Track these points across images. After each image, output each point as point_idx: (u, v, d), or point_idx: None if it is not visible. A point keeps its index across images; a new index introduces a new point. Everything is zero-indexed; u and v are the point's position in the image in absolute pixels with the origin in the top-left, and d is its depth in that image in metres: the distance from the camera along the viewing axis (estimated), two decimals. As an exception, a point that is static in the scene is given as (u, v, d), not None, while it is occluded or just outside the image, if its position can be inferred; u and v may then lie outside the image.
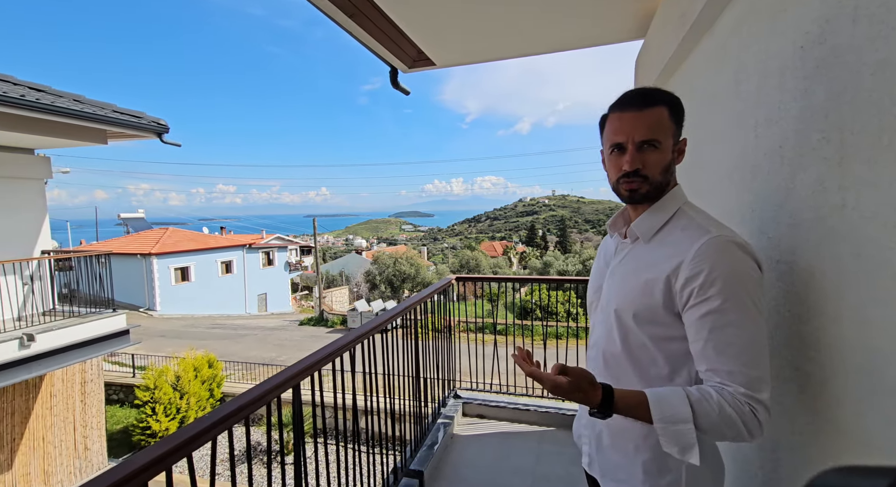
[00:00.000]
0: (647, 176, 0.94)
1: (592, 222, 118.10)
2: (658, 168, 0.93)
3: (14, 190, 6.31)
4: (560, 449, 2.84)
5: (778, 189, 0.98)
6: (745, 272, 0.83)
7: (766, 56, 1.05)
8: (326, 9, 2.20)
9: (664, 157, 0.93)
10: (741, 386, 0.79)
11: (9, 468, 6.30)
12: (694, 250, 0.85)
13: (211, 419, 1.09)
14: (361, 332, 1.91)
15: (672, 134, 0.94)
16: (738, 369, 0.80)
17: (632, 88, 1.01)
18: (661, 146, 0.92)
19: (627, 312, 0.94)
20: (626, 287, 0.97)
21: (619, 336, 0.96)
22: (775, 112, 0.99)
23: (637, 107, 0.93)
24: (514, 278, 3.79)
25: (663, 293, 0.88)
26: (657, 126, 0.92)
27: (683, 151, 0.99)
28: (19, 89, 4.91)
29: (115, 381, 13.12)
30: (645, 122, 0.92)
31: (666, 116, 0.93)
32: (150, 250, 23.49)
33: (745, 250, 0.85)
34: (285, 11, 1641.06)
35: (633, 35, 2.70)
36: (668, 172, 0.96)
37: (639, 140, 0.92)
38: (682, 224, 0.93)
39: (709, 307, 0.83)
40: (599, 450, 1.04)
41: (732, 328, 0.81)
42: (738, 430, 0.78)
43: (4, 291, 5.68)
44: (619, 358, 0.97)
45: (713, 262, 0.83)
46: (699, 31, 1.53)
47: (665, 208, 0.96)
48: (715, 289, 0.82)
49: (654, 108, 0.92)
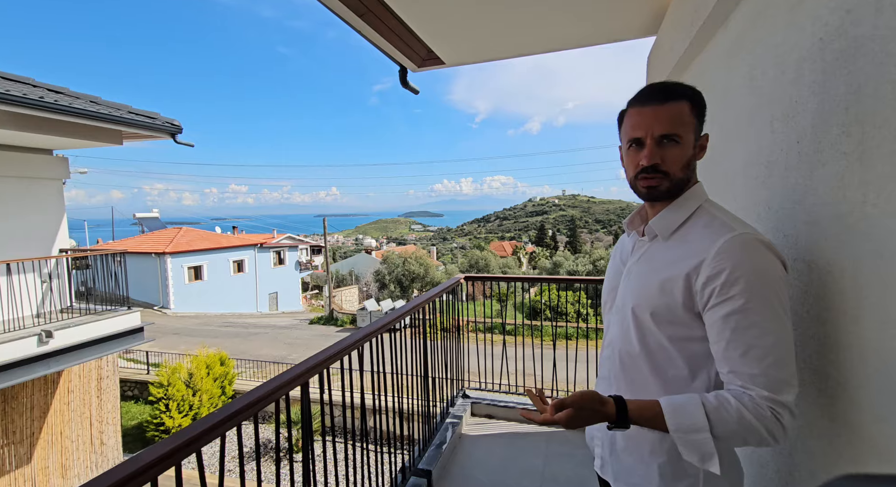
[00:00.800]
0: (668, 172, 0.91)
1: (603, 221, 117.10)
2: (679, 164, 0.91)
3: (34, 190, 6.46)
4: (569, 451, 2.82)
5: (795, 186, 0.95)
6: (770, 272, 0.80)
7: (782, 49, 1.02)
8: (337, 9, 2.20)
9: (685, 152, 0.90)
10: (764, 389, 0.77)
11: (28, 461, 6.45)
12: (716, 248, 0.82)
13: (220, 415, 1.10)
14: (370, 330, 1.91)
15: (693, 129, 0.91)
16: (761, 371, 0.77)
17: (644, 85, 0.98)
18: (682, 141, 0.90)
19: (645, 311, 0.92)
20: (644, 286, 0.94)
21: (637, 336, 0.94)
22: (792, 106, 0.97)
23: (657, 101, 0.91)
24: (524, 278, 3.77)
25: (683, 292, 0.86)
26: (678, 120, 0.89)
27: (705, 147, 0.96)
28: (39, 91, 5.03)
29: (129, 378, 13.38)
30: (665, 116, 0.89)
31: (687, 111, 0.90)
32: (165, 249, 23.91)
33: (771, 249, 0.82)
34: (296, 13, 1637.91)
35: (645, 32, 2.67)
36: (689, 169, 0.93)
37: (658, 134, 0.89)
38: (703, 222, 0.90)
39: (731, 306, 0.80)
40: (613, 453, 1.02)
41: (756, 328, 0.78)
42: (760, 436, 0.76)
43: (24, 288, 5.82)
44: (636, 359, 0.95)
45: (736, 260, 0.80)
46: (713, 25, 1.50)
47: (685, 205, 0.93)
48: (738, 288, 0.79)
49: (675, 102, 0.90)
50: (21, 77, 5.19)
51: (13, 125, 5.00)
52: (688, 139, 0.90)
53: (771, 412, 0.75)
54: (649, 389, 0.93)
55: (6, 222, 6.09)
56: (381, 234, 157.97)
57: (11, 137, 5.66)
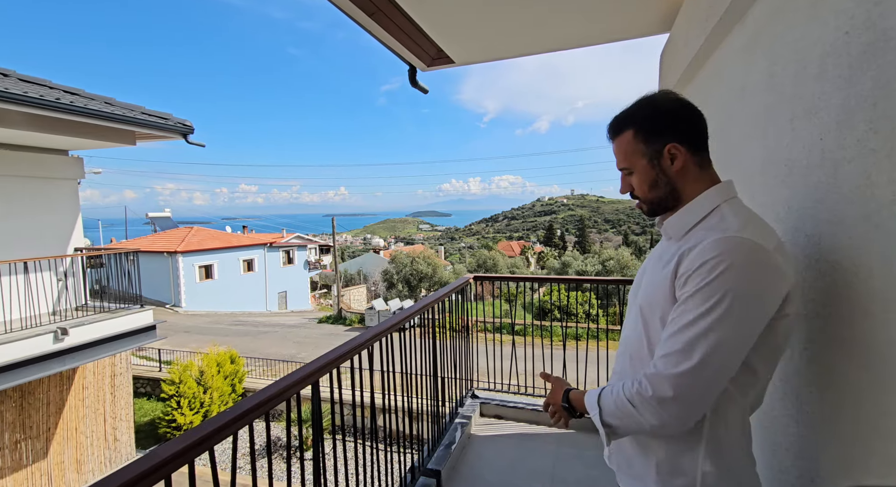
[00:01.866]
0: (639, 196, 1.01)
1: (612, 221, 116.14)
2: (643, 188, 0.99)
3: (50, 190, 6.59)
4: (578, 452, 2.79)
5: (818, 184, 0.93)
6: (747, 273, 0.78)
7: (804, 44, 0.99)
8: (347, 8, 2.21)
9: (643, 178, 0.98)
10: (652, 367, 0.83)
11: (44, 456, 6.59)
12: (700, 246, 0.83)
13: (232, 414, 1.10)
14: (379, 330, 1.91)
15: (642, 153, 0.96)
16: (668, 351, 0.81)
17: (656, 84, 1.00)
18: (636, 168, 0.98)
19: (647, 307, 0.95)
20: (650, 284, 0.97)
21: (644, 334, 0.96)
22: (815, 103, 0.94)
23: (611, 138, 1.02)
24: (533, 278, 3.74)
25: (669, 289, 0.88)
26: (625, 153, 0.98)
27: (676, 155, 0.93)
28: (55, 93, 5.12)
29: (142, 375, 13.59)
30: (617, 151, 1.01)
31: (630, 139, 0.97)
32: (176, 248, 24.24)
33: (762, 255, 0.79)
34: (307, 14, 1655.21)
35: (658, 29, 2.63)
36: (659, 187, 0.97)
37: (619, 168, 1.02)
38: (711, 223, 0.90)
39: (684, 298, 0.82)
40: (617, 444, 1.05)
41: (690, 316, 0.80)
42: (635, 419, 0.84)
43: (41, 286, 5.93)
44: (642, 355, 0.97)
45: (710, 256, 0.80)
46: (730, 21, 1.47)
47: (699, 207, 0.94)
48: (698, 283, 0.80)
49: (619, 135, 0.99)
50: (38, 79, 5.29)
51: (31, 126, 5.10)
52: (640, 165, 0.97)
53: (637, 388, 0.83)
54: None
55: (23, 221, 6.22)
56: (390, 233, 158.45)
57: (29, 138, 5.78)
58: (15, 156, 6.11)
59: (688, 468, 0.89)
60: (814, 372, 0.95)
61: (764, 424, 1.20)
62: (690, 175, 0.95)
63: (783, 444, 1.09)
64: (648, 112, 0.96)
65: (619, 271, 27.64)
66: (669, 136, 0.94)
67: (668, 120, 0.95)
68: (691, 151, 0.94)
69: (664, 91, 0.99)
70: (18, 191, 6.19)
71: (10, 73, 5.14)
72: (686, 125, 0.95)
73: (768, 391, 1.16)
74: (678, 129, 0.94)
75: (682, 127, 0.94)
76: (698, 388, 0.79)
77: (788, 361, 1.05)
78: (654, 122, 0.95)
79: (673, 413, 0.80)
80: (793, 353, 1.04)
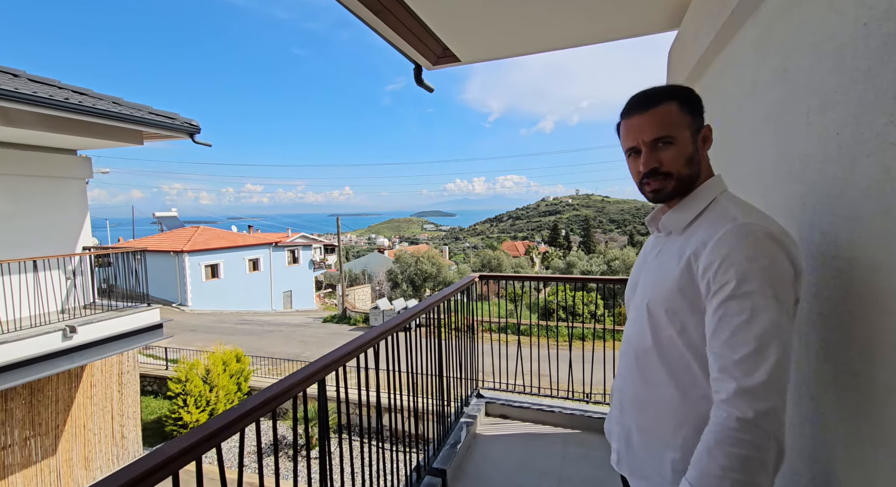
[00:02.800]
0: (670, 172, 0.93)
1: (617, 221, 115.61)
2: (679, 162, 0.92)
3: (59, 189, 6.66)
4: (586, 452, 2.77)
5: (834, 179, 0.91)
6: (769, 262, 0.78)
7: (820, 37, 0.97)
8: (353, 7, 2.20)
9: (683, 150, 0.92)
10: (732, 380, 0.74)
11: (53, 453, 6.65)
12: (715, 238, 0.82)
13: (239, 412, 1.10)
14: (384, 329, 1.90)
15: (688, 125, 0.92)
16: (739, 358, 0.75)
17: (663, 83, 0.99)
18: (677, 140, 0.92)
19: (657, 306, 0.93)
20: (656, 281, 0.96)
21: (650, 332, 0.94)
22: (831, 96, 0.92)
23: (642, 109, 0.94)
24: (538, 277, 3.72)
25: (686, 286, 0.86)
26: (666, 122, 0.92)
27: (709, 137, 0.97)
28: (64, 93, 5.17)
29: (149, 373, 13.69)
30: (652, 121, 0.92)
31: (675, 110, 0.92)
32: (183, 247, 24.42)
33: (777, 241, 0.80)
34: (312, 14, 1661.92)
35: (666, 26, 2.60)
36: (693, 164, 0.94)
37: (649, 139, 0.93)
38: (714, 215, 0.90)
39: (723, 295, 0.79)
40: (629, 448, 1.03)
41: (742, 315, 0.76)
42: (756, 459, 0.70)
43: (50, 284, 5.99)
44: (649, 354, 0.95)
45: (731, 248, 0.79)
46: (741, 16, 1.45)
47: (698, 199, 0.94)
48: (730, 275, 0.78)
49: (659, 106, 0.93)
50: (47, 79, 5.34)
51: (40, 126, 5.15)
52: (682, 137, 0.92)
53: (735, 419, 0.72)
54: (663, 386, 0.93)
55: (32, 220, 6.29)
56: (394, 233, 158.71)
57: (38, 138, 5.84)
58: (25, 156, 6.18)
59: None
60: (829, 373, 0.93)
61: (776, 425, 1.18)
62: (705, 162, 0.98)
63: (795, 447, 1.07)
64: (688, 92, 0.95)
65: (625, 272, 27.50)
66: (702, 119, 0.96)
67: (700, 104, 0.96)
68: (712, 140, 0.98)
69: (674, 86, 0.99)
70: (28, 190, 6.26)
71: (21, 73, 5.19)
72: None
73: (781, 391, 1.14)
74: (703, 115, 0.96)
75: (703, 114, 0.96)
76: (783, 381, 0.74)
77: (804, 361, 1.03)
78: (694, 101, 0.95)
79: (777, 419, 0.72)
80: (808, 353, 1.02)
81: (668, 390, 0.92)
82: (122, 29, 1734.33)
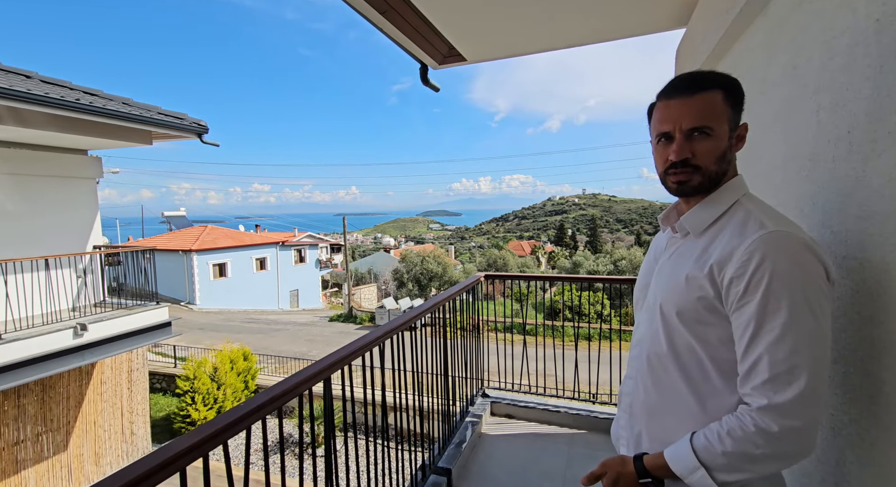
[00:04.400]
0: (700, 166, 0.87)
1: (624, 221, 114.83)
2: (711, 157, 0.86)
3: (70, 189, 6.75)
4: (592, 453, 2.76)
5: (845, 178, 0.90)
6: (804, 272, 0.74)
7: (831, 34, 0.96)
8: (359, 6, 2.21)
9: (718, 145, 0.86)
10: (763, 398, 0.73)
11: (65, 448, 6.75)
12: (745, 245, 0.78)
13: (246, 409, 1.11)
14: (390, 328, 1.91)
15: (727, 119, 0.86)
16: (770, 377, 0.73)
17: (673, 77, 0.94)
18: (715, 133, 0.85)
19: (672, 309, 0.88)
20: (672, 283, 0.91)
21: (665, 336, 0.90)
22: (842, 94, 0.91)
23: (686, 93, 0.87)
24: (544, 277, 3.71)
25: (709, 291, 0.82)
26: (708, 111, 0.85)
27: (744, 137, 0.91)
28: (75, 94, 5.24)
29: (158, 370, 13.84)
30: (694, 108, 0.85)
31: (719, 100, 0.85)
32: (191, 246, 24.65)
33: (811, 250, 0.76)
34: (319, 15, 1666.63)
35: (674, 24, 2.58)
36: (724, 162, 0.88)
37: (687, 128, 0.86)
38: (738, 218, 0.84)
39: (752, 308, 0.76)
40: (637, 445, 0.99)
41: (775, 332, 0.73)
42: (761, 463, 0.72)
43: (61, 283, 6.08)
44: (663, 359, 0.91)
45: (764, 257, 0.75)
46: (751, 13, 1.43)
47: (720, 200, 0.89)
48: (763, 287, 0.74)
49: (705, 92, 0.85)
50: (59, 80, 5.42)
51: (52, 126, 5.22)
52: (721, 131, 0.85)
53: (754, 425, 0.72)
54: (677, 391, 0.89)
55: (44, 219, 6.38)
56: (400, 233, 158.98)
57: (50, 138, 5.92)
58: (37, 156, 6.27)
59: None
60: (839, 374, 0.92)
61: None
62: (734, 163, 0.92)
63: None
64: (734, 83, 0.88)
65: (632, 272, 27.30)
66: (740, 115, 0.89)
67: (743, 98, 0.89)
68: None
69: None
70: (41, 190, 6.35)
71: (33, 74, 5.27)
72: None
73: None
74: (741, 111, 0.90)
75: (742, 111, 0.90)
76: (816, 397, 0.72)
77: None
78: (738, 95, 0.89)
79: (806, 440, 0.72)
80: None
81: (685, 398, 0.88)
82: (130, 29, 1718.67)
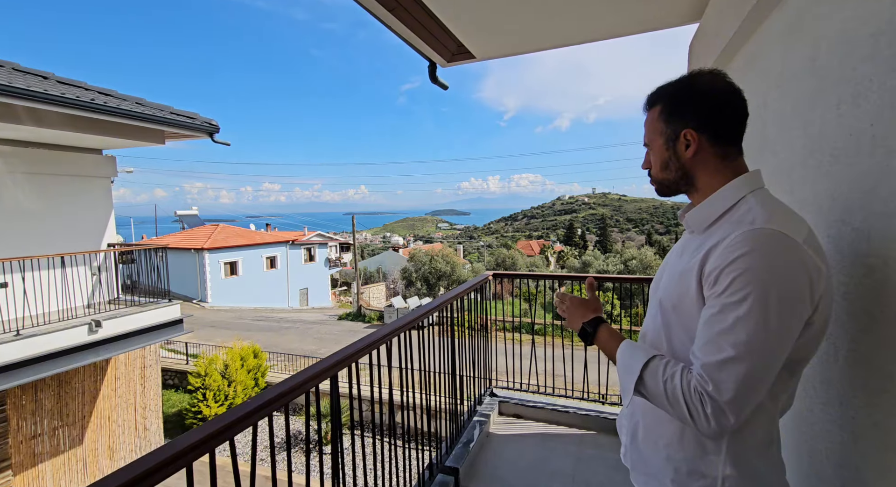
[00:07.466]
0: (651, 175, 1.00)
1: (634, 220, 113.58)
2: (655, 167, 0.98)
3: (85, 187, 6.88)
4: (601, 453, 2.73)
5: (868, 173, 0.86)
6: (778, 274, 0.73)
7: (852, 24, 0.92)
8: (367, 4, 2.20)
9: (658, 157, 0.97)
10: (709, 382, 0.74)
11: (80, 443, 6.89)
12: (728, 240, 0.78)
13: (252, 405, 1.11)
14: (397, 326, 1.90)
15: (661, 132, 0.95)
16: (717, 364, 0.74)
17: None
18: (652, 146, 0.98)
19: (668, 303, 0.91)
20: (672, 278, 0.93)
21: (663, 329, 0.93)
22: (865, 86, 0.87)
23: (644, 111, 1.00)
24: (553, 276, 3.68)
25: (695, 286, 0.84)
26: (648, 128, 0.98)
27: (690, 142, 0.90)
28: (90, 94, 5.33)
29: (170, 367, 14.06)
30: (644, 124, 0.99)
31: (656, 116, 0.96)
32: (203, 245, 24.98)
33: (798, 253, 0.74)
34: (329, 15, 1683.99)
35: (687, 19, 2.53)
36: (670, 170, 0.95)
37: (644, 144, 1.01)
38: (737, 216, 0.84)
39: (717, 301, 0.77)
40: (633, 442, 1.02)
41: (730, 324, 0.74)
42: (680, 411, 0.77)
43: (76, 280, 6.20)
44: (661, 348, 0.93)
45: (743, 253, 0.75)
46: (767, 6, 1.40)
47: (720, 199, 0.88)
48: (730, 280, 0.75)
49: (650, 109, 0.98)
50: (74, 81, 5.52)
51: (68, 126, 5.32)
52: (656, 144, 0.96)
53: (699, 397, 0.75)
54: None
55: (60, 218, 6.51)
56: (409, 232, 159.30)
57: (66, 138, 6.04)
58: (53, 155, 6.40)
59: (708, 471, 0.86)
60: (861, 375, 0.89)
61: (801, 429, 1.13)
62: (709, 165, 0.91)
63: (824, 451, 1.02)
64: (680, 92, 0.93)
65: (642, 271, 27.02)
66: (691, 120, 0.90)
67: (695, 104, 0.90)
68: (711, 141, 0.89)
69: (716, 71, 0.92)
70: (56, 189, 6.48)
71: (49, 75, 5.37)
72: (712, 113, 0.88)
73: (808, 394, 1.10)
74: (701, 115, 0.89)
75: (705, 113, 0.89)
76: (750, 401, 0.74)
77: (832, 363, 0.99)
78: (680, 103, 0.92)
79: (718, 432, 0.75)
80: (837, 354, 0.97)
81: None
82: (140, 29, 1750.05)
